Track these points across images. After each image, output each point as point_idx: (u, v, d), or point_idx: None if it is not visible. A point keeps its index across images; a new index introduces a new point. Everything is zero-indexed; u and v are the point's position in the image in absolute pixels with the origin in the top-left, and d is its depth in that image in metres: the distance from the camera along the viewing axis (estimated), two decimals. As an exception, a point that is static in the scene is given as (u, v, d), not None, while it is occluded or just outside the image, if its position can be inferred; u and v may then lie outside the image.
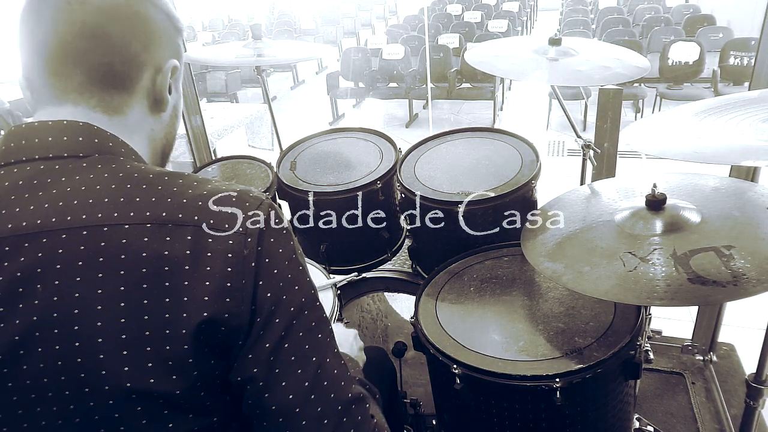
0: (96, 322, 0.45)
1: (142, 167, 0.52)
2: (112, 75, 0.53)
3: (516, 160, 1.27)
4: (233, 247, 0.49)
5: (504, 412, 0.89)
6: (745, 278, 0.75)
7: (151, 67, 0.55)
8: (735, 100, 0.96)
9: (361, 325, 1.54)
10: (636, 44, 4.77)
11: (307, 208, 1.34)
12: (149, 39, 0.55)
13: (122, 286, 0.45)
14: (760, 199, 0.93)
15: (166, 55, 0.57)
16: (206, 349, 0.48)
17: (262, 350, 0.49)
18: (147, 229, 0.47)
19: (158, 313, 0.46)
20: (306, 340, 0.51)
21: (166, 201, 0.49)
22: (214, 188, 0.52)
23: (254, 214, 0.51)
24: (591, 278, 0.83)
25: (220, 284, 0.47)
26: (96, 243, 0.46)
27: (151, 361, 0.46)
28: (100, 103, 0.53)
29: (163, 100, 0.58)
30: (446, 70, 5.17)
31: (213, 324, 0.47)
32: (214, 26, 8.86)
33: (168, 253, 0.47)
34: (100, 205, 0.47)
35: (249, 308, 0.49)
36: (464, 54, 1.25)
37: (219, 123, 3.21)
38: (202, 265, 0.47)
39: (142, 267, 0.46)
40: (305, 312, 0.52)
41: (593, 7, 7.54)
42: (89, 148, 0.51)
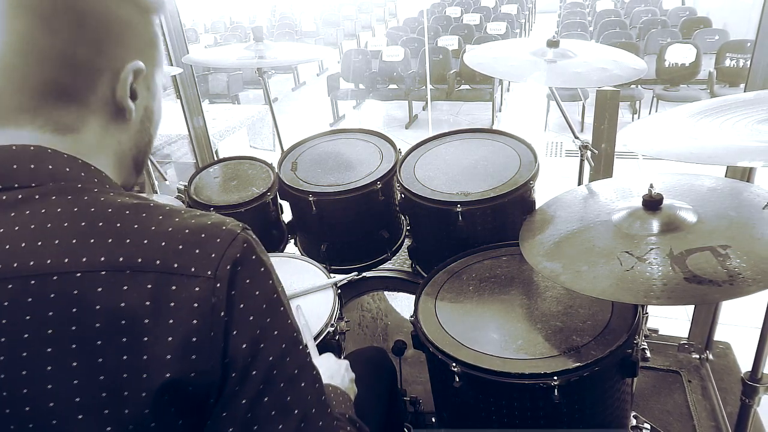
0: (46, 385, 0.40)
1: (101, 198, 0.45)
2: (59, 89, 0.45)
3: (514, 160, 1.28)
4: (200, 295, 0.42)
5: (502, 409, 0.90)
6: (741, 277, 0.76)
7: (108, 72, 0.47)
8: (731, 102, 0.97)
9: (361, 323, 1.55)
10: (633, 46, 4.79)
11: (308, 208, 1.35)
12: (101, 41, 0.46)
13: (74, 344, 0.40)
14: (755, 200, 0.93)
15: (126, 55, 0.48)
16: (172, 409, 0.43)
17: (238, 407, 0.44)
18: (101, 277, 0.41)
19: (115, 372, 0.41)
20: (288, 391, 0.46)
21: (124, 242, 0.43)
22: (182, 223, 0.45)
23: (226, 252, 0.44)
24: (589, 277, 0.84)
25: (184, 339, 0.42)
26: (45, 294, 0.41)
27: (109, 425, 0.41)
28: (48, 123, 0.46)
29: (125, 107, 0.49)
30: (445, 71, 5.18)
31: (178, 384, 0.42)
32: (216, 28, 8.87)
33: (124, 304, 0.41)
34: (50, 248, 0.42)
35: (220, 363, 0.43)
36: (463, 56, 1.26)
37: (221, 124, 3.22)
38: (164, 317, 0.42)
39: (95, 321, 0.41)
40: (287, 359, 0.46)
41: (591, 10, 7.55)
42: (42, 177, 0.44)
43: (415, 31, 6.66)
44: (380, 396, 1.01)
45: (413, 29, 6.87)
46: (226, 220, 0.47)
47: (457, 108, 5.73)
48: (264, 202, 1.42)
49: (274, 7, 10.11)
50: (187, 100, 1.85)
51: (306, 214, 1.38)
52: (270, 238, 1.49)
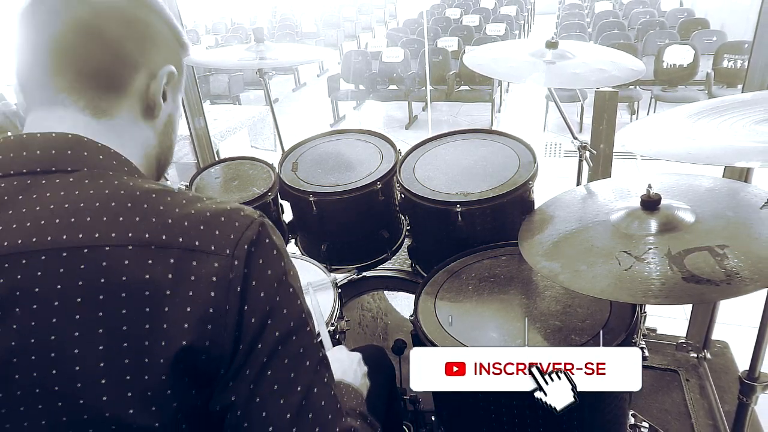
0: (73, 349, 0.43)
1: (131, 183, 0.49)
2: (103, 74, 0.51)
3: (513, 161, 1.28)
4: (218, 271, 0.46)
5: (501, 408, 0.90)
6: (739, 277, 0.76)
7: (146, 70, 0.53)
8: (728, 103, 0.97)
9: (361, 323, 1.55)
10: (631, 47, 4.80)
11: (309, 209, 1.35)
12: (146, 42, 0.53)
13: (101, 312, 0.44)
14: (753, 200, 0.94)
15: (162, 60, 0.55)
16: (186, 378, 0.46)
17: (243, 377, 0.47)
18: (128, 252, 0.45)
19: (137, 340, 0.44)
20: (291, 368, 0.48)
21: (150, 221, 0.46)
22: (203, 207, 0.49)
23: (244, 234, 0.48)
24: (587, 277, 0.84)
25: (201, 310, 0.45)
26: (75, 266, 0.44)
27: (130, 390, 0.44)
28: (89, 105, 0.51)
29: (156, 105, 0.55)
30: (445, 72, 5.19)
31: (193, 352, 0.45)
32: (217, 30, 8.87)
33: (149, 277, 0.44)
34: (81, 225, 0.45)
35: (232, 335, 0.46)
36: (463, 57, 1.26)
37: (222, 125, 3.23)
38: (185, 290, 0.45)
39: (121, 292, 0.44)
40: (293, 337, 0.49)
41: (589, 11, 7.57)
42: (78, 162, 0.49)
43: (414, 33, 6.67)
44: (380, 395, 1.01)
45: (413, 30, 6.88)
46: (244, 207, 0.51)
47: (457, 109, 5.74)
48: (265, 202, 1.42)
49: (275, 9, 10.12)
50: (188, 101, 1.86)
51: (306, 214, 1.39)
52: (270, 238, 1.49)
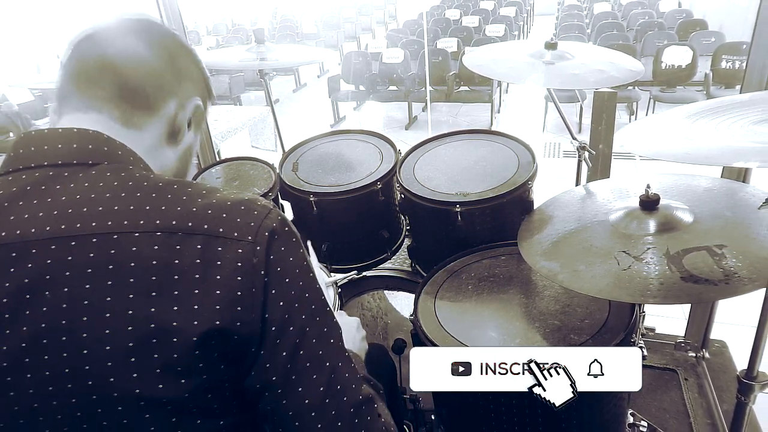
0: (104, 330, 0.46)
1: (151, 176, 0.53)
2: (140, 94, 0.56)
3: (513, 161, 1.29)
4: (243, 256, 0.49)
5: (501, 407, 0.91)
6: (737, 277, 0.76)
7: (177, 98, 0.59)
8: (726, 103, 0.97)
9: (361, 322, 1.56)
10: (630, 48, 4.81)
11: (309, 209, 1.36)
12: (181, 75, 0.59)
13: (131, 294, 0.46)
14: (751, 200, 0.94)
15: (192, 93, 0.61)
16: (216, 354, 0.48)
17: (279, 359, 0.50)
18: (157, 238, 0.47)
19: (166, 321, 0.46)
20: (319, 346, 0.53)
21: (176, 209, 0.49)
22: (223, 197, 0.52)
23: (263, 222, 0.51)
24: (586, 277, 0.85)
25: (230, 293, 0.48)
26: (106, 250, 0.46)
27: (159, 367, 0.46)
28: (123, 116, 0.55)
29: (181, 131, 0.60)
30: (445, 73, 5.20)
31: (223, 333, 0.48)
32: (218, 31, 8.88)
33: (178, 261, 0.47)
34: (109, 213, 0.48)
35: (260, 317, 0.49)
36: (462, 58, 1.27)
37: (223, 125, 3.23)
38: (212, 273, 0.47)
39: (151, 275, 0.46)
40: (317, 318, 0.53)
41: (588, 12, 7.58)
42: (98, 156, 0.51)
43: (414, 34, 6.68)
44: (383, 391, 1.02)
45: (413, 31, 6.90)
46: (259, 197, 0.55)
47: (457, 109, 5.75)
48: (265, 203, 1.42)
49: (276, 10, 10.13)
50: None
51: (307, 214, 1.39)
52: (271, 238, 1.49)
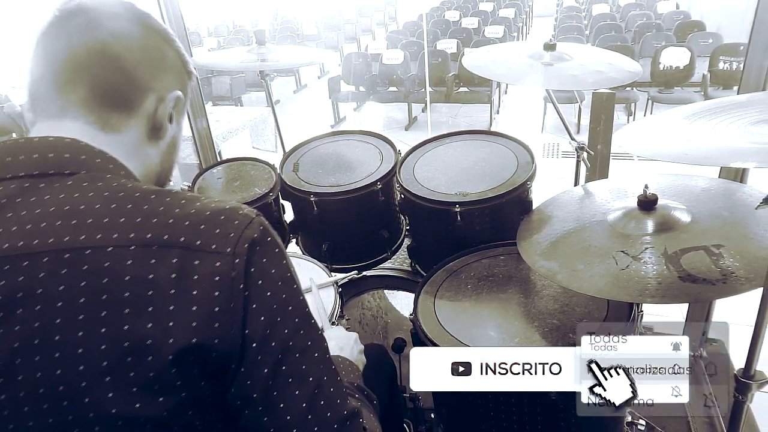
0: (77, 349, 0.44)
1: (129, 185, 0.50)
2: (116, 94, 0.54)
3: (512, 161, 1.29)
4: (221, 269, 0.47)
5: (500, 406, 0.91)
6: (734, 276, 0.77)
7: (155, 93, 0.56)
8: (724, 104, 0.98)
9: (361, 321, 1.56)
10: (628, 49, 4.81)
11: (310, 209, 1.36)
12: (157, 68, 0.56)
13: (104, 311, 0.44)
14: (748, 200, 0.95)
15: (171, 85, 0.58)
16: (195, 371, 0.47)
17: (260, 375, 0.49)
18: (131, 252, 0.45)
19: (141, 339, 0.45)
20: (303, 361, 0.51)
21: (152, 221, 0.47)
22: (203, 206, 0.50)
23: (244, 233, 0.49)
24: (585, 276, 0.85)
25: (207, 309, 0.46)
26: (78, 267, 0.45)
27: (135, 386, 0.45)
28: (99, 120, 0.53)
29: (162, 127, 0.58)
30: (444, 74, 5.21)
31: (201, 349, 0.46)
32: (219, 32, 8.88)
33: (153, 276, 0.45)
34: (83, 226, 0.46)
35: (240, 333, 0.48)
36: (462, 59, 1.28)
37: (224, 126, 3.23)
38: (189, 289, 0.46)
39: (125, 291, 0.45)
40: (301, 332, 0.51)
41: (587, 14, 7.59)
42: (76, 165, 0.50)
43: (414, 35, 6.69)
44: (380, 392, 1.02)
45: (413, 33, 6.90)
46: (242, 206, 0.52)
47: (456, 110, 5.75)
48: (266, 203, 1.43)
49: (276, 11, 10.13)
50: (190, 103, 1.86)
51: (307, 214, 1.40)
52: (271, 238, 1.50)
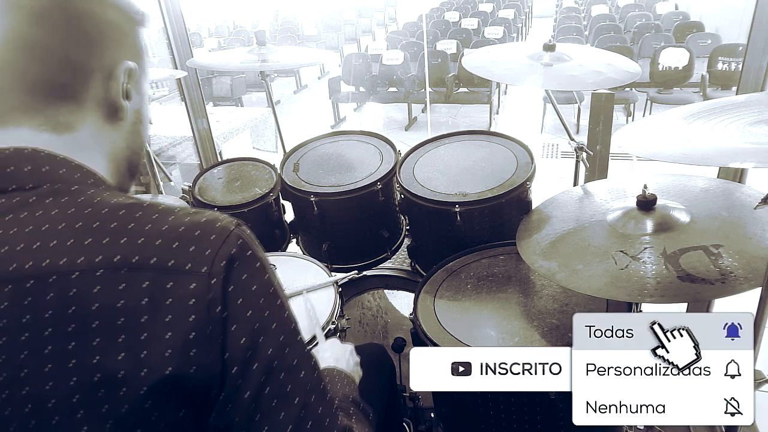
0: (46, 384, 0.41)
1: (97, 199, 0.46)
2: (55, 88, 0.47)
3: (511, 162, 1.30)
4: (196, 292, 0.43)
5: (500, 405, 0.92)
6: (733, 276, 0.77)
7: (100, 73, 0.49)
8: (723, 104, 0.98)
9: (361, 321, 1.57)
10: (627, 50, 4.82)
11: (310, 209, 1.37)
12: (94, 42, 0.48)
13: (72, 343, 0.41)
14: (747, 200, 0.96)
15: (118, 56, 0.50)
16: (173, 402, 0.44)
17: (241, 399, 0.45)
18: (98, 277, 0.42)
19: (113, 370, 0.41)
20: (288, 381, 0.48)
21: (120, 242, 0.43)
22: (176, 221, 0.45)
23: (221, 249, 0.45)
24: (584, 276, 0.85)
25: (182, 336, 0.43)
26: (42, 296, 0.41)
27: (109, 420, 0.42)
28: (47, 122, 0.47)
29: (120, 107, 0.51)
30: (444, 75, 5.22)
31: (177, 379, 0.43)
32: (219, 33, 8.89)
33: (122, 303, 0.42)
34: (46, 249, 0.42)
35: (219, 358, 0.44)
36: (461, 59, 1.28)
37: (224, 126, 3.22)
38: (162, 314, 0.42)
39: (93, 321, 0.41)
40: (286, 350, 0.48)
41: (586, 15, 7.60)
42: (38, 178, 0.45)
43: (414, 36, 6.69)
44: (380, 392, 1.02)
45: (413, 33, 6.91)
46: (219, 216, 0.48)
47: (456, 110, 5.76)
48: (267, 203, 1.44)
49: (277, 12, 10.15)
50: (191, 103, 1.88)
51: (308, 214, 1.40)
52: (272, 238, 1.51)
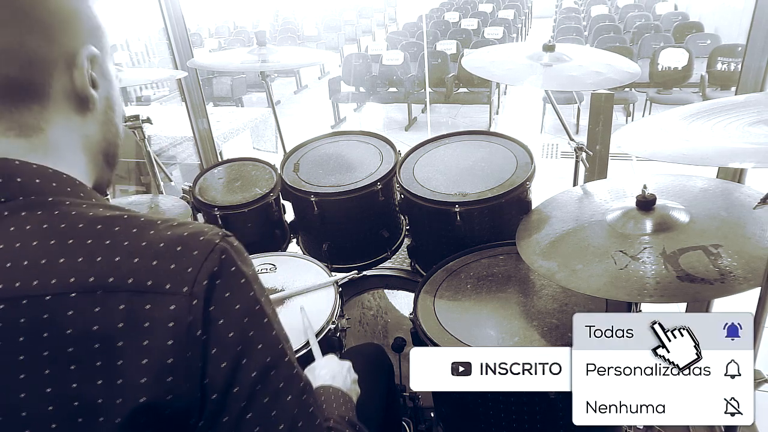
0: (21, 412, 0.39)
1: (73, 212, 0.43)
2: (15, 88, 0.44)
3: (511, 162, 1.30)
4: (175, 314, 0.41)
5: (499, 404, 0.92)
6: (732, 276, 0.77)
7: (62, 61, 0.45)
8: (722, 105, 0.98)
9: (362, 321, 1.57)
10: (627, 50, 4.82)
11: (310, 209, 1.37)
12: (50, 28, 0.44)
13: (47, 370, 0.39)
14: (746, 200, 0.96)
15: (77, 42, 0.46)
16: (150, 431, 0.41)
17: (221, 426, 0.43)
18: (71, 300, 0.39)
19: (90, 398, 0.39)
20: (273, 406, 0.45)
21: (95, 261, 0.40)
22: (156, 236, 0.43)
23: (203, 266, 0.42)
24: (583, 276, 0.85)
25: (160, 362, 0.40)
26: (14, 319, 0.39)
27: None
28: (12, 127, 0.44)
29: (88, 97, 0.47)
30: (444, 75, 5.22)
31: (153, 408, 0.40)
32: (220, 33, 8.90)
33: (97, 327, 0.39)
34: (18, 270, 0.40)
35: (198, 384, 0.42)
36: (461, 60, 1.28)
37: (225, 126, 3.22)
38: (139, 339, 0.40)
39: (68, 346, 0.39)
40: (271, 373, 0.45)
41: (585, 15, 7.61)
42: (11, 191, 0.42)
43: (414, 36, 6.70)
44: (379, 391, 1.03)
45: (412, 34, 6.92)
46: (204, 229, 0.45)
47: (456, 111, 5.77)
48: (267, 203, 1.44)
49: (277, 13, 10.16)
50: (191, 103, 1.88)
51: (308, 214, 1.40)
52: (273, 238, 1.51)
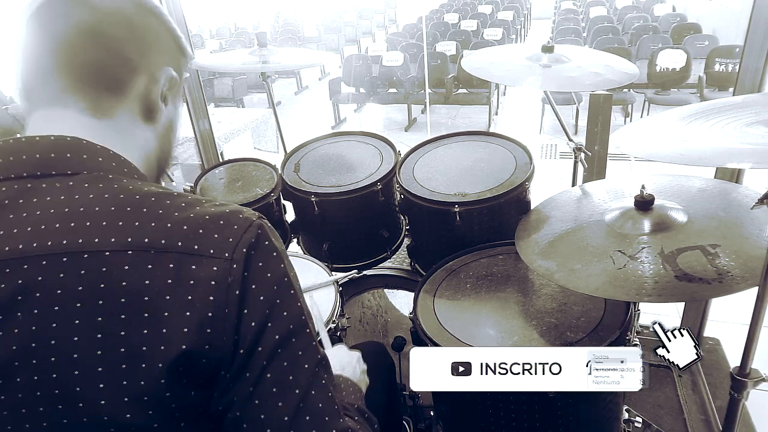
0: (72, 354, 0.44)
1: (130, 187, 0.49)
2: (105, 75, 0.52)
3: (510, 162, 1.30)
4: (218, 275, 0.46)
5: (498, 403, 0.92)
6: (730, 275, 0.78)
7: (145, 73, 0.54)
8: (720, 105, 0.99)
9: (362, 320, 1.57)
10: (625, 51, 4.82)
11: (311, 209, 1.37)
12: (146, 46, 0.54)
13: (100, 317, 0.44)
14: (744, 200, 0.96)
15: (163, 64, 0.56)
16: (185, 380, 0.46)
17: (243, 379, 0.47)
18: (128, 257, 0.45)
19: (136, 345, 0.44)
20: (290, 371, 0.49)
21: (150, 225, 0.46)
22: (202, 210, 0.49)
23: (243, 237, 0.48)
24: (582, 276, 0.86)
25: (201, 314, 0.45)
26: (76, 271, 0.44)
27: (126, 395, 0.44)
28: (91, 105, 0.52)
29: (155, 108, 0.56)
30: (444, 76, 5.23)
31: (192, 356, 0.45)
32: (221, 34, 8.90)
33: (149, 282, 0.44)
34: (82, 229, 0.45)
35: (231, 339, 0.47)
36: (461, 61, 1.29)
37: (226, 127, 3.23)
38: (184, 294, 0.45)
39: (121, 297, 0.44)
40: (292, 339, 0.49)
41: (584, 16, 7.61)
42: (77, 165, 0.49)
43: (414, 37, 6.71)
44: (380, 390, 1.03)
45: (412, 35, 6.92)
46: (243, 209, 0.51)
47: (455, 111, 5.77)
48: (267, 203, 1.44)
49: (278, 14, 10.17)
50: (193, 104, 1.88)
51: (308, 215, 1.41)
52: (272, 238, 1.51)
